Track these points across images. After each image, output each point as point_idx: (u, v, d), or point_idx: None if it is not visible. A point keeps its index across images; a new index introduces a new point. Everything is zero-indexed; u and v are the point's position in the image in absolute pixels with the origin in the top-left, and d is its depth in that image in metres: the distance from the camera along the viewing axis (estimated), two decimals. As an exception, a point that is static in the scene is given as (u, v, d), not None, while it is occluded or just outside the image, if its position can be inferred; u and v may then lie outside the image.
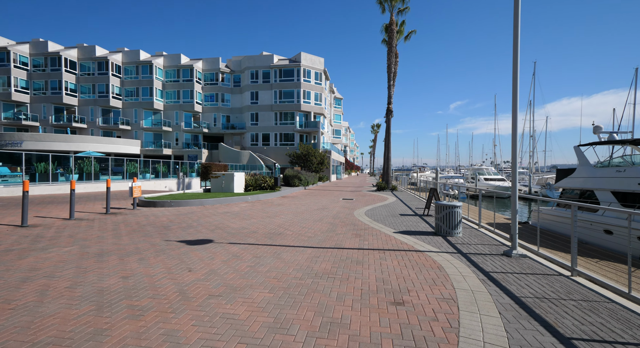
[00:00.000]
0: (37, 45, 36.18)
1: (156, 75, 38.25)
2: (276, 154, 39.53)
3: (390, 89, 23.30)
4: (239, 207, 11.65)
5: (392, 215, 10.09)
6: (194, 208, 11.18)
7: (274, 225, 8.04)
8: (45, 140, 28.35)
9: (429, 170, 78.22)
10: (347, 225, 8.32)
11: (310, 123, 40.15)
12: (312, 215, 10.11)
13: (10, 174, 16.41)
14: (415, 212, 10.90)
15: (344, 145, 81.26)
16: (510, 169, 69.16)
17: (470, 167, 60.58)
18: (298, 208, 11.87)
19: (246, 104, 40.33)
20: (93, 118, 37.16)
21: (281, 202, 13.72)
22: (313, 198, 16.23)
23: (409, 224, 8.50)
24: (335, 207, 12.49)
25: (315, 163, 34.21)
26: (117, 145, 33.65)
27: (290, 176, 22.20)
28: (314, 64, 40.67)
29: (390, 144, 23.38)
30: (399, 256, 5.29)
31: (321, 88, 41.58)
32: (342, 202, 14.52)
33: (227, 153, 37.84)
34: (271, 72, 39.67)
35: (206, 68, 40.67)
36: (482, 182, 37.01)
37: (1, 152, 17.30)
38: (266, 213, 10.32)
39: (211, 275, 4.19)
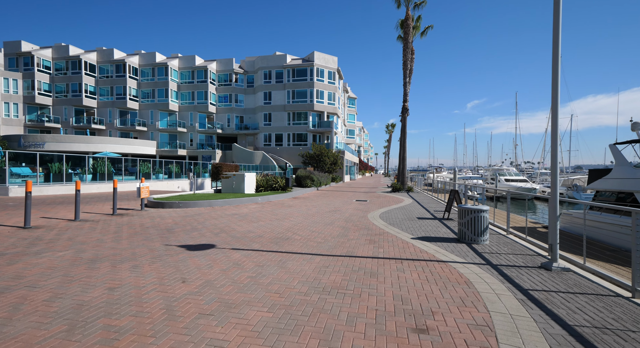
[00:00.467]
0: (59, 49, 37.43)
1: (171, 77, 38.78)
2: (289, 154, 39.26)
3: (406, 86, 22.48)
4: (248, 209, 11.27)
5: (409, 219, 9.42)
6: (201, 209, 10.87)
7: (282, 229, 7.56)
8: (65, 141, 29.13)
9: (445, 171, 76.15)
10: (361, 229, 7.74)
11: (324, 123, 39.65)
12: (323, 217, 9.58)
13: (31, 174, 16.75)
14: (434, 216, 10.17)
15: (358, 146, 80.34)
16: (531, 170, 66.31)
17: (490, 167, 58.51)
18: (309, 210, 11.37)
19: (259, 105, 40.29)
20: (111, 119, 38.10)
21: (292, 204, 13.27)
22: (325, 199, 15.70)
23: (428, 229, 7.83)
24: (348, 209, 11.91)
25: (329, 163, 33.67)
26: (134, 146, 34.24)
27: (303, 177, 21.77)
28: (328, 63, 40.16)
29: (405, 144, 22.56)
30: (419, 267, 4.69)
31: (334, 87, 41.02)
32: (356, 203, 13.92)
33: (240, 153, 37.87)
34: (284, 71, 39.46)
35: (220, 69, 40.92)
36: (502, 183, 35.48)
37: (25, 153, 17.68)
38: (275, 215, 9.87)
39: (206, 288, 3.74)
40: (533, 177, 56.33)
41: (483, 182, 43.43)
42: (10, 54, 36.01)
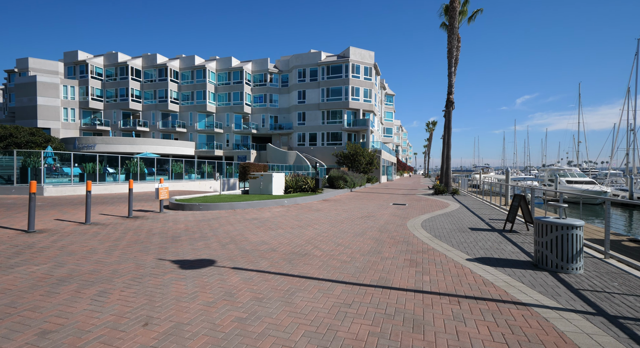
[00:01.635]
0: (109, 57, 40.28)
1: (209, 79, 39.80)
2: (323, 154, 38.21)
3: (451, 76, 20.14)
4: (271, 212, 10.24)
5: (459, 230, 7.67)
6: (222, 212, 10.06)
7: (301, 240, 6.34)
8: (113, 143, 30.94)
9: (493, 171, 69.90)
10: (398, 243, 6.24)
11: (359, 121, 38.00)
12: (354, 226, 8.19)
13: (78, 173, 17.53)
14: (490, 226, 8.27)
15: (396, 145, 77.01)
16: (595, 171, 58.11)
17: (547, 167, 52.25)
18: (338, 215, 10.04)
19: (293, 104, 39.76)
20: (154, 122, 40.15)
21: (320, 207, 12.03)
22: (358, 202, 14.25)
23: (488, 245, 6.09)
24: (384, 214, 10.37)
25: (364, 163, 31.98)
26: (174, 147, 35.54)
27: (335, 177, 20.46)
28: (364, 59, 38.43)
29: (450, 140, 20.22)
30: (488, 314, 3.14)
31: (371, 84, 39.15)
32: (393, 207, 12.29)
33: (274, 153, 37.63)
34: (318, 69, 38.49)
35: (255, 69, 41.14)
36: (563, 184, 31.01)
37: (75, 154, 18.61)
38: (299, 221, 8.70)
39: (168, 339, 2.60)
40: (599, 178, 49.28)
41: (539, 184, 38.66)
42: (68, 63, 39.56)
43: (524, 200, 7.28)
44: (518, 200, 7.37)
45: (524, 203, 7.31)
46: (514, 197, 7.68)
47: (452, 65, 20.14)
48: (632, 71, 39.32)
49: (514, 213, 7.47)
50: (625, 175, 47.23)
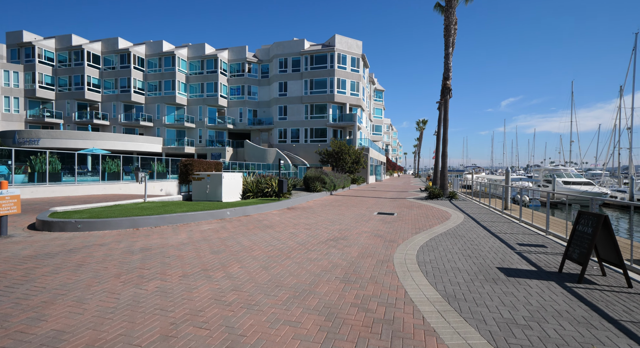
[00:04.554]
0: (62, 39, 35.50)
1: (179, 68, 35.77)
2: (306, 151, 34.79)
3: (448, 58, 17.00)
4: (190, 234, 6.78)
5: (486, 275, 4.36)
6: (112, 234, 6.55)
7: (187, 307, 2.92)
8: (61, 137, 26.84)
9: (484, 172, 67.73)
10: (373, 321, 2.87)
11: (346, 116, 34.70)
12: (304, 264, 4.81)
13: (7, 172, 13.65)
14: (531, 262, 5.00)
15: (386, 144, 74.19)
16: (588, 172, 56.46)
17: (534, 168, 50.03)
18: (293, 237, 6.64)
19: (274, 97, 36.19)
20: (115, 114, 35.83)
21: (276, 221, 8.62)
22: (334, 211, 10.89)
23: (578, 339, 2.77)
24: (362, 234, 7.03)
25: (350, 162, 28.72)
26: (137, 142, 31.57)
27: (311, 178, 17.07)
28: (351, 48, 35.13)
29: (447, 135, 17.09)
30: None
31: (358, 76, 35.91)
32: (376, 220, 8.97)
33: (253, 151, 34.02)
34: (301, 59, 35.01)
35: (232, 58, 37.35)
36: (560, 185, 28.45)
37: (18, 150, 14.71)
38: (216, 254, 5.27)
39: None
40: (594, 178, 47.42)
41: (532, 184, 36.17)
42: (12, 45, 34.68)
43: (605, 225, 4.00)
44: (593, 224, 4.09)
45: (605, 229, 4.03)
46: (580, 217, 4.40)
47: (450, 46, 17.01)
48: (629, 68, 37.12)
49: (585, 246, 4.17)
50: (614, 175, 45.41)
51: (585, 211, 4.31)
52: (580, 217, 4.39)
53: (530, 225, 8.10)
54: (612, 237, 3.97)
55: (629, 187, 27.62)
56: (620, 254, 3.90)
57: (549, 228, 7.06)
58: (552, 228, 7.59)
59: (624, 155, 41.45)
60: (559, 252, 5.70)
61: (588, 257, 3.99)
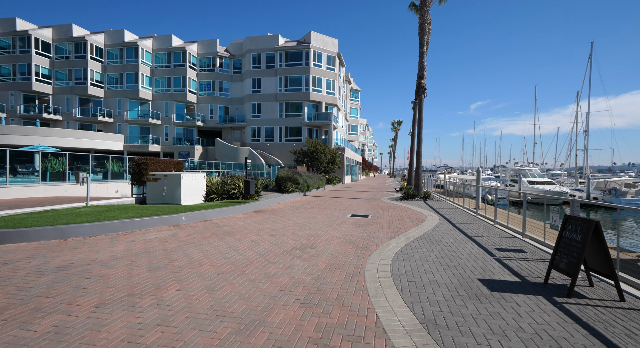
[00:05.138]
0: (4, 24, 31.83)
1: (143, 60, 33.38)
2: (281, 151, 33.80)
3: (423, 57, 16.83)
4: (131, 245, 5.78)
5: (468, 290, 3.81)
6: (29, 247, 5.42)
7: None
8: (3, 133, 23.99)
9: (456, 172, 69.96)
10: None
11: (321, 115, 34.09)
12: (264, 278, 4.05)
13: None
14: (513, 271, 4.55)
15: (362, 144, 74.61)
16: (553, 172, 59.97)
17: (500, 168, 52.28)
18: (254, 246, 5.84)
19: (247, 93, 34.84)
20: (69, 108, 32.77)
21: (238, 227, 7.75)
22: (305, 214, 10.16)
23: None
24: (333, 240, 6.35)
25: (325, 162, 28.12)
26: (95, 140, 29.09)
27: (283, 178, 16.23)
28: (326, 46, 34.56)
29: (421, 135, 16.91)
30: None
31: (334, 74, 35.42)
32: (350, 223, 8.35)
33: (224, 150, 32.51)
34: (276, 55, 33.94)
35: (202, 52, 35.50)
36: (525, 185, 29.65)
37: None
38: (159, 269, 4.38)
39: None
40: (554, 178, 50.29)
41: (499, 184, 37.54)
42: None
43: (596, 231, 3.57)
44: (583, 230, 3.66)
45: (595, 236, 3.60)
46: (567, 223, 3.97)
47: (425, 44, 16.84)
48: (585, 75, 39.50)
49: (573, 254, 3.72)
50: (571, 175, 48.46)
51: (573, 216, 3.88)
52: (567, 222, 3.96)
53: (506, 227, 7.82)
54: (603, 245, 3.55)
55: (585, 186, 29.31)
56: (612, 264, 3.48)
57: (526, 231, 6.76)
58: (526, 230, 7.34)
59: (581, 156, 44.09)
60: (539, 258, 5.33)
61: (578, 267, 3.54)
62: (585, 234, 3.57)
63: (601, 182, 30.69)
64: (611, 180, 31.91)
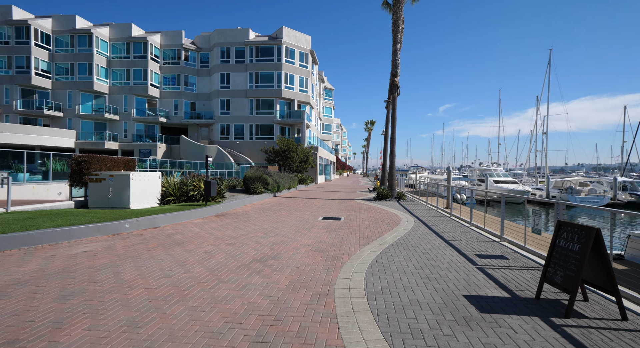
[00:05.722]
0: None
1: (98, 49, 30.51)
2: (251, 149, 32.48)
3: (396, 54, 16.55)
4: (48, 262, 4.67)
5: (455, 314, 3.22)
6: None
7: None
8: None
9: (426, 172, 71.96)
10: None
11: (294, 113, 33.21)
12: (209, 305, 3.21)
13: None
14: (499, 283, 4.06)
15: (336, 144, 74.55)
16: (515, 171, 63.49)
17: (476, 167, 54.61)
18: (208, 258, 4.94)
19: (215, 89, 33.10)
20: (9, 100, 29.17)
21: (193, 234, 6.76)
22: (272, 217, 9.31)
23: None
24: (300, 249, 5.60)
25: (297, 161, 27.31)
26: (41, 136, 26.09)
27: (252, 178, 15.21)
28: (299, 43, 33.71)
29: (395, 134, 16.64)
30: None
31: (307, 72, 34.67)
32: (320, 227, 7.64)
33: (190, 148, 30.62)
34: (246, 49, 32.54)
35: (165, 43, 33.20)
36: (492, 184, 30.83)
37: None
38: (72, 297, 3.38)
39: None
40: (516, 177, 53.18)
41: (467, 183, 38.89)
42: None
43: (596, 241, 3.10)
44: (581, 239, 3.19)
45: (595, 245, 3.14)
46: (561, 230, 3.51)
47: (398, 42, 16.57)
48: (545, 81, 41.99)
49: (571, 267, 3.24)
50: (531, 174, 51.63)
51: (568, 222, 3.42)
52: (560, 229, 3.50)
53: (483, 229, 7.50)
54: (603, 255, 3.10)
55: (545, 185, 30.98)
56: (614, 278, 3.04)
57: (504, 234, 6.42)
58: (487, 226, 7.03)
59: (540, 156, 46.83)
60: (522, 265, 4.92)
61: (577, 283, 3.06)
62: (584, 244, 3.10)
63: (559, 181, 32.65)
64: (567, 179, 34.10)
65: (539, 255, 5.28)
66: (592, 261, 3.24)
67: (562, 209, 4.47)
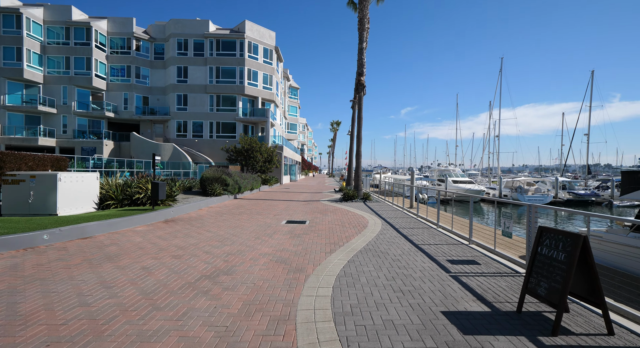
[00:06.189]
0: None
1: (29, 32, 26.72)
2: (212, 148, 30.69)
3: (362, 53, 16.37)
4: None
5: (436, 338, 2.77)
6: None
7: None
8: None
9: (390, 172, 74.11)
10: None
11: (258, 111, 31.99)
12: (133, 344, 2.40)
13: None
14: (483, 299, 3.74)
15: (301, 144, 73.87)
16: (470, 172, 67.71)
17: (436, 168, 57.34)
18: (145, 275, 4.06)
19: (171, 83, 30.78)
20: None
21: (132, 245, 5.74)
22: (231, 222, 8.44)
23: None
24: (260, 257, 4.90)
25: (261, 161, 26.22)
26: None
27: (209, 179, 14.06)
28: (263, 38, 32.57)
29: (361, 133, 16.44)
30: None
31: (272, 69, 33.62)
32: (284, 232, 6.97)
33: (142, 146, 28.08)
34: (206, 42, 30.67)
35: (113, 31, 30.15)
36: (450, 184, 32.34)
37: None
38: None
39: None
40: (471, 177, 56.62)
41: (428, 183, 40.54)
42: None
43: (583, 249, 2.83)
44: (567, 248, 2.91)
45: (582, 254, 2.87)
46: (543, 236, 3.23)
47: (364, 40, 16.40)
48: (497, 87, 45.15)
49: (557, 278, 2.96)
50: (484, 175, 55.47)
51: (550, 228, 3.15)
52: (542, 235, 3.22)
53: (451, 232, 7.35)
54: (589, 265, 2.84)
55: (498, 185, 33.15)
56: (600, 290, 2.79)
57: (472, 236, 6.27)
58: (454, 228, 6.96)
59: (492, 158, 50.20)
60: (495, 271, 4.70)
61: (565, 296, 2.77)
62: (570, 253, 2.82)
63: (509, 181, 35.12)
64: (517, 179, 36.84)
65: (510, 259, 5.13)
66: (580, 272, 2.98)
67: (534, 212, 4.29)
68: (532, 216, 4.33)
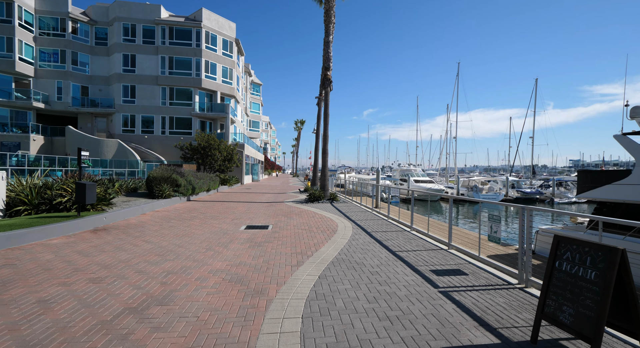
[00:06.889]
0: None
1: None
2: (164, 145, 28.07)
3: (328, 46, 15.66)
4: None
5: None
6: None
7: None
8: None
9: (353, 172, 74.96)
10: None
11: (216, 106, 29.93)
12: None
13: None
14: (488, 326, 3.09)
15: (264, 142, 71.66)
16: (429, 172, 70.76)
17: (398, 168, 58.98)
18: (39, 312, 2.79)
19: (116, 72, 27.56)
20: None
21: (39, 265, 4.33)
22: (179, 228, 7.14)
23: None
24: (210, 276, 3.85)
25: (220, 159, 24.51)
26: None
27: (157, 179, 12.35)
28: (222, 29, 30.56)
29: (327, 131, 15.72)
30: None
31: (232, 62, 31.72)
32: (242, 241, 5.91)
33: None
34: (157, 29, 27.92)
35: (43, 9, 26.17)
36: (412, 183, 33.20)
37: None
38: None
39: None
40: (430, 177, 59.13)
41: (391, 183, 41.38)
42: None
43: (622, 266, 2.24)
44: (600, 264, 2.30)
45: (620, 273, 2.27)
46: (561, 248, 2.63)
47: (330, 33, 15.71)
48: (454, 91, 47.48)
49: (587, 302, 2.35)
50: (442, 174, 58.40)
51: (571, 238, 2.57)
52: (560, 246, 2.63)
53: (426, 235, 6.85)
54: (626, 285, 2.28)
55: (455, 184, 34.67)
56: (639, 316, 2.23)
57: (452, 240, 5.77)
58: (433, 232, 6.54)
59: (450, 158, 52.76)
60: (486, 283, 4.16)
61: (602, 327, 2.18)
62: (606, 271, 2.24)
63: (465, 181, 36.95)
64: (472, 178, 38.90)
65: (497, 267, 4.64)
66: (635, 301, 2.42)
67: (529, 216, 3.78)
68: (526, 219, 3.82)
